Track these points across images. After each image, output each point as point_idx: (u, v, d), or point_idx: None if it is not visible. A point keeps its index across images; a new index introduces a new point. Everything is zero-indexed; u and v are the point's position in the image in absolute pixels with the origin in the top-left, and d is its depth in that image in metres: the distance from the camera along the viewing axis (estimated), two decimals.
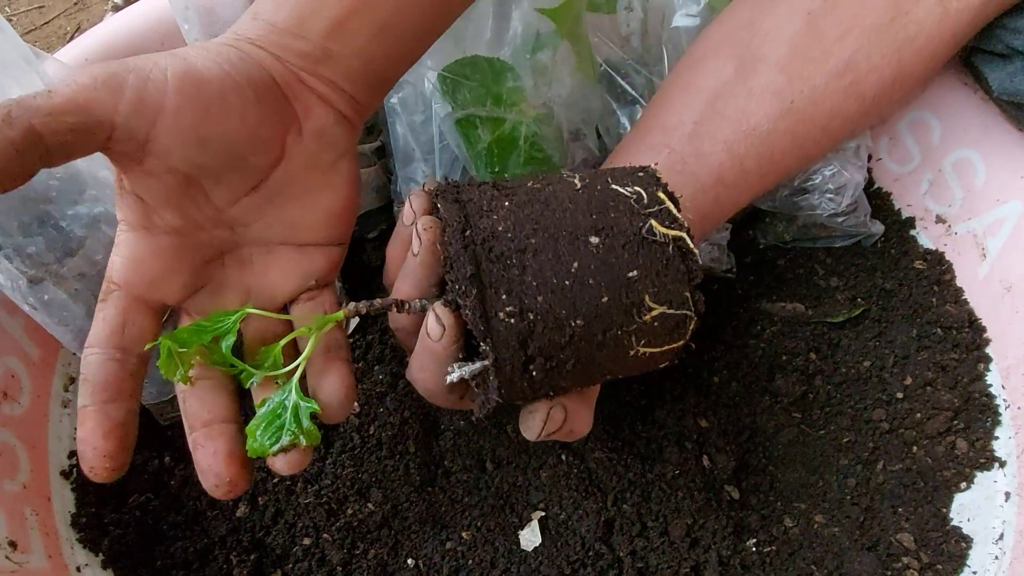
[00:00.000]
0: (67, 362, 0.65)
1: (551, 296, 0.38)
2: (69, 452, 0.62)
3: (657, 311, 0.39)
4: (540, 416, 0.42)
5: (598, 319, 0.38)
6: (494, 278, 0.38)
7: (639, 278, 0.39)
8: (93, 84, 0.35)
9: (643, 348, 0.40)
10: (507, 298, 0.37)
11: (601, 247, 0.39)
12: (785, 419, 0.65)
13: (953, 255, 0.69)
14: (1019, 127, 0.61)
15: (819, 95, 0.50)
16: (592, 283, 0.38)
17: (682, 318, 0.40)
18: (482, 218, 0.39)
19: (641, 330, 0.39)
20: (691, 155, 0.50)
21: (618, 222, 0.39)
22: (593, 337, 0.39)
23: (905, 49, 0.50)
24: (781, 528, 0.60)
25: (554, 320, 0.38)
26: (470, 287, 0.37)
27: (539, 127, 0.57)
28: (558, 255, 0.38)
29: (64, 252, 0.52)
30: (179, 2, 0.59)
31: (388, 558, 0.58)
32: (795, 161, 0.52)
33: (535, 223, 0.39)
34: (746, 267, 0.73)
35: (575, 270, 0.38)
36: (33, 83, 0.50)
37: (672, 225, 0.40)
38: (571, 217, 0.39)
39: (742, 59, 0.51)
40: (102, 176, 0.53)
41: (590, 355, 0.39)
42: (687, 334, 0.41)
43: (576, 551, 0.56)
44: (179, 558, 0.57)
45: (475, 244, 0.38)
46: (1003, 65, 0.56)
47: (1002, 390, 0.62)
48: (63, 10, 1.26)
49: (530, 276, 0.38)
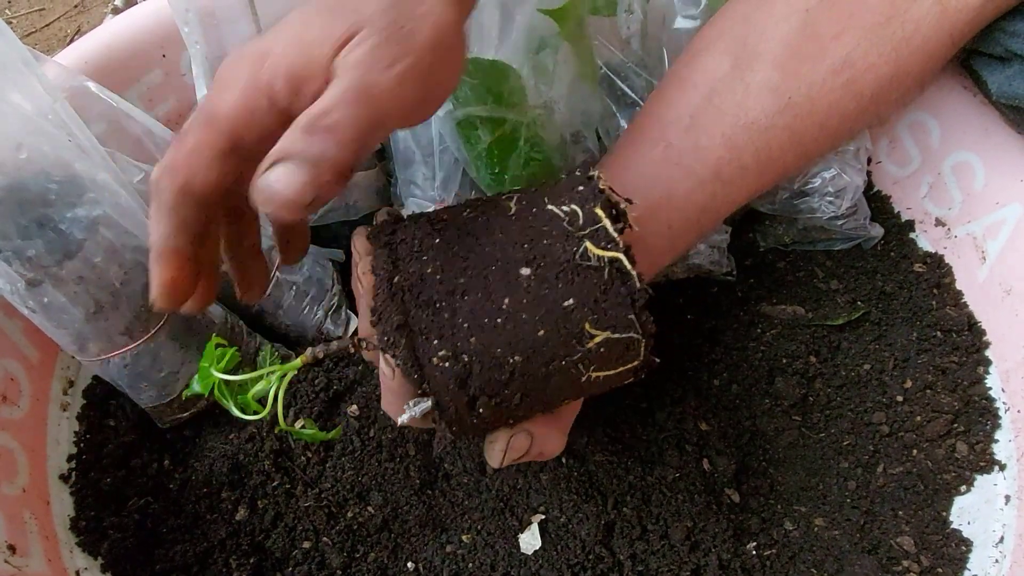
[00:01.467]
0: (66, 365, 0.65)
1: (484, 336, 0.37)
2: (68, 456, 0.62)
3: (600, 337, 0.37)
4: (499, 446, 0.42)
5: (538, 353, 0.37)
6: (424, 324, 0.37)
7: (576, 306, 0.37)
8: None
9: (594, 373, 0.39)
10: (439, 343, 0.37)
11: (533, 279, 0.37)
12: (785, 422, 0.64)
13: (953, 258, 0.69)
14: (1018, 130, 0.61)
15: (816, 92, 0.50)
16: (526, 318, 0.37)
17: (629, 340, 0.38)
18: (412, 261, 0.39)
19: (588, 358, 0.38)
20: (689, 149, 0.50)
21: (551, 249, 0.38)
22: (537, 371, 0.37)
23: (903, 48, 0.50)
24: (781, 531, 0.60)
25: (491, 360, 0.37)
26: (398, 337, 0.37)
27: (540, 128, 0.57)
28: (488, 293, 0.37)
29: (63, 255, 0.52)
30: (179, 5, 0.59)
31: (388, 561, 0.58)
32: (793, 159, 0.52)
33: (464, 261, 0.38)
34: (746, 270, 0.73)
35: (507, 306, 0.37)
36: (32, 86, 0.50)
37: (608, 246, 0.37)
38: (501, 250, 0.38)
39: (738, 55, 0.51)
40: (101, 179, 0.53)
41: (538, 387, 0.38)
42: (640, 354, 0.39)
43: (576, 554, 0.56)
44: (178, 562, 0.57)
45: (403, 291, 0.38)
46: (1002, 68, 0.56)
47: (1002, 393, 0.62)
48: (63, 12, 1.26)
49: (461, 318, 0.37)
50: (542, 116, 0.59)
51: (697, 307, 0.71)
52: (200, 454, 0.61)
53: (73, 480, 0.61)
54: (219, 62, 0.63)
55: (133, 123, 0.60)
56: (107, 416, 0.64)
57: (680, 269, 0.69)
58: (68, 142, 0.51)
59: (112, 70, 0.66)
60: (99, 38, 0.67)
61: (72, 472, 0.61)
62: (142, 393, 0.59)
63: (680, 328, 0.70)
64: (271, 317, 0.67)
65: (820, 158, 0.65)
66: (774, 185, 0.55)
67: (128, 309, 0.55)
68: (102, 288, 0.53)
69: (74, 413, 0.64)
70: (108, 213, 0.53)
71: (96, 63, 0.66)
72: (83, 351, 0.56)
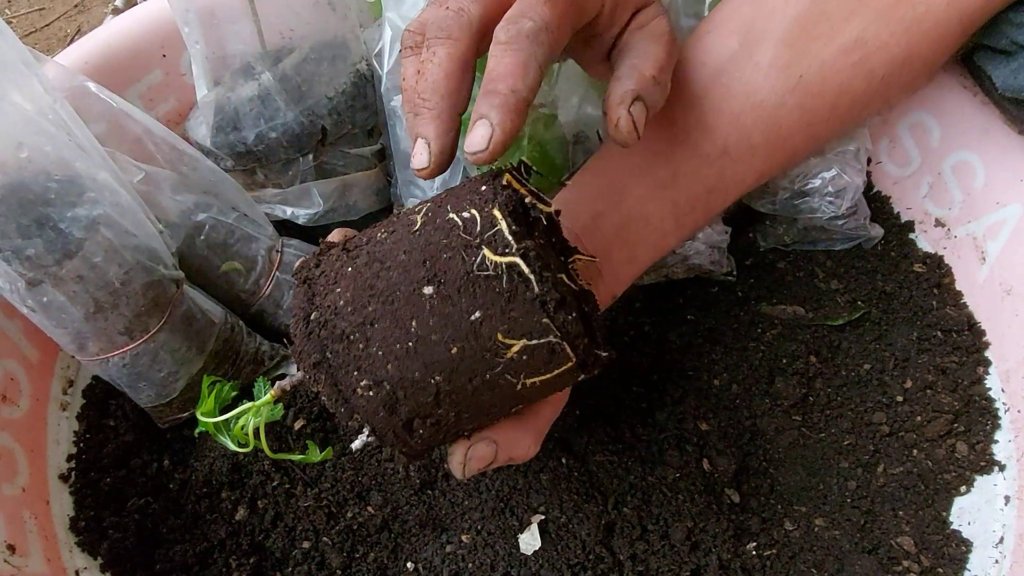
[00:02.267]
0: (66, 365, 0.65)
1: (399, 362, 0.36)
2: (68, 456, 0.62)
3: (516, 345, 0.36)
4: (457, 458, 0.42)
5: (458, 371, 0.36)
6: (341, 359, 0.37)
7: (484, 319, 0.36)
8: None
9: (528, 380, 0.37)
10: (359, 374, 0.37)
11: (435, 297, 0.36)
12: (785, 422, 0.64)
13: (953, 258, 0.69)
14: (1019, 129, 0.61)
15: (827, 71, 0.49)
16: (435, 339, 0.36)
17: (550, 345, 0.36)
18: (328, 295, 0.39)
19: (511, 367, 0.36)
20: (695, 127, 0.49)
21: (451, 263, 0.36)
22: (463, 387, 0.37)
23: (914, 29, 0.49)
24: (782, 531, 0.60)
25: (412, 383, 0.37)
26: (318, 374, 0.37)
27: (543, 128, 0.57)
28: (396, 318, 0.37)
29: (63, 254, 0.52)
30: (180, 5, 0.59)
31: (388, 561, 0.58)
32: (803, 140, 0.51)
33: (371, 288, 0.38)
34: (746, 270, 0.73)
35: (415, 329, 0.36)
36: (32, 86, 0.50)
37: (505, 251, 0.35)
38: (404, 271, 0.37)
39: (747, 34, 0.50)
40: (101, 178, 0.53)
41: (472, 401, 0.38)
42: (572, 356, 0.37)
43: (576, 554, 0.56)
44: (178, 561, 0.57)
45: (319, 327, 0.38)
46: (1006, 62, 0.56)
47: (1002, 393, 0.62)
48: (63, 12, 1.26)
49: (375, 347, 0.37)
50: (546, 116, 0.59)
51: (697, 307, 0.71)
52: (200, 454, 0.61)
53: (73, 480, 0.61)
54: (219, 62, 0.63)
55: (133, 123, 0.60)
56: (107, 416, 0.64)
57: (680, 269, 0.69)
58: (68, 141, 0.51)
59: (112, 70, 0.67)
60: (99, 38, 0.67)
61: (72, 472, 0.61)
62: (142, 393, 0.59)
63: (680, 328, 0.70)
64: (271, 317, 0.67)
65: (828, 142, 0.65)
66: (783, 170, 0.54)
67: (128, 309, 0.55)
68: (102, 288, 0.53)
69: (74, 413, 0.64)
70: (108, 213, 0.53)
71: (96, 63, 0.66)
72: (83, 351, 0.56)
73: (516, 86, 0.37)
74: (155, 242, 0.57)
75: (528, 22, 0.38)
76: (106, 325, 0.54)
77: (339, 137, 0.66)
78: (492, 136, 0.36)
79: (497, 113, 0.36)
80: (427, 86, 0.39)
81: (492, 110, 0.37)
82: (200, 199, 0.62)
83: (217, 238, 0.63)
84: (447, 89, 0.39)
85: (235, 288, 0.64)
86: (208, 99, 0.64)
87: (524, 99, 0.37)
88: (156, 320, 0.56)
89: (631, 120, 0.41)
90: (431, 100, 0.39)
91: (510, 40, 0.37)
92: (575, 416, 0.62)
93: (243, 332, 0.63)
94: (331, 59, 0.64)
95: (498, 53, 0.38)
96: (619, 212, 0.49)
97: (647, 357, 0.67)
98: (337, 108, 0.64)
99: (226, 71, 0.64)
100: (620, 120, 0.41)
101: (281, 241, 0.67)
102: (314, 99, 0.64)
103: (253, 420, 0.43)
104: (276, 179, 0.67)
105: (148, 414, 0.62)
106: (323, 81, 0.64)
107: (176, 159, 0.62)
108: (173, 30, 0.65)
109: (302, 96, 0.63)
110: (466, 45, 0.39)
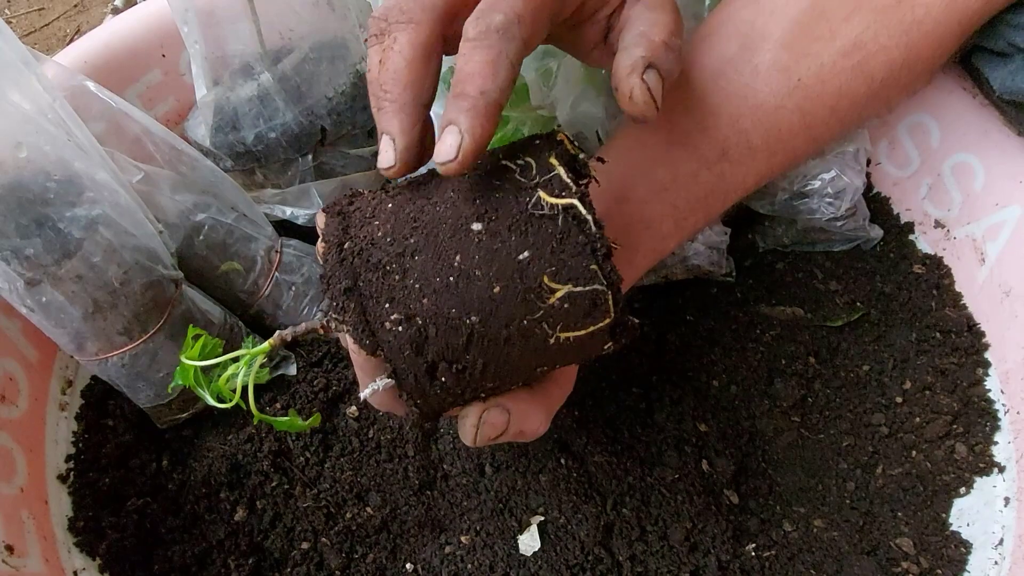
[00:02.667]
0: (64, 365, 0.65)
1: (436, 296, 0.35)
2: (66, 456, 0.62)
3: (561, 291, 0.35)
4: (471, 420, 0.40)
5: (496, 313, 0.35)
6: (374, 288, 0.36)
7: (532, 259, 0.35)
8: None
9: (562, 334, 0.36)
10: (390, 306, 0.35)
11: (484, 233, 0.35)
12: (784, 423, 0.64)
13: (952, 259, 0.69)
14: (1018, 130, 0.61)
15: (827, 73, 0.49)
16: (479, 274, 0.35)
17: (594, 294, 0.36)
18: (363, 227, 0.37)
19: (551, 315, 0.36)
20: (694, 129, 0.49)
21: (503, 202, 0.36)
22: (497, 333, 0.36)
23: (913, 31, 0.49)
24: (780, 532, 0.60)
25: (445, 321, 0.35)
26: (346, 302, 0.36)
27: (542, 129, 0.57)
28: (439, 251, 0.35)
29: (62, 254, 0.52)
30: (179, 5, 0.59)
31: (387, 562, 0.58)
32: (803, 142, 0.51)
33: (414, 222, 0.36)
34: (745, 271, 0.73)
35: (458, 263, 0.35)
36: (32, 86, 0.50)
37: (562, 193, 0.35)
38: (452, 207, 0.36)
39: (746, 36, 0.50)
40: (100, 178, 0.53)
41: (502, 351, 0.36)
42: (610, 311, 0.36)
43: (575, 555, 0.56)
44: (177, 562, 0.57)
45: (352, 255, 0.36)
46: (1004, 64, 0.56)
47: (1001, 395, 0.62)
48: (63, 12, 1.26)
49: (412, 279, 0.35)
50: (544, 117, 0.59)
51: (696, 308, 0.71)
52: (199, 454, 0.61)
53: (71, 480, 0.61)
54: (218, 62, 0.63)
55: (132, 123, 0.60)
56: (105, 416, 0.64)
57: (679, 270, 0.69)
58: (67, 141, 0.51)
59: (111, 70, 0.67)
60: (99, 38, 0.67)
61: (70, 472, 0.61)
62: (140, 393, 0.59)
63: (679, 329, 0.70)
64: (270, 318, 0.67)
65: (828, 144, 0.64)
66: (783, 172, 0.54)
67: (127, 309, 0.55)
68: (100, 287, 0.53)
69: (72, 413, 0.64)
70: (107, 212, 0.53)
71: (96, 63, 0.66)
72: (81, 351, 0.56)
73: (485, 87, 0.35)
74: (154, 242, 0.57)
75: (498, 16, 0.36)
76: (105, 325, 0.54)
77: (338, 137, 0.66)
78: (461, 144, 0.35)
79: (466, 118, 0.35)
80: (388, 76, 0.37)
81: (460, 115, 0.35)
82: (199, 199, 0.62)
83: (216, 238, 0.63)
84: (409, 79, 0.37)
85: (234, 288, 0.64)
86: (207, 99, 0.64)
87: (495, 101, 0.35)
88: (155, 320, 0.56)
89: (646, 89, 0.38)
90: (393, 91, 0.37)
91: (479, 36, 0.35)
92: (574, 417, 0.62)
93: (242, 332, 0.63)
94: (330, 59, 0.64)
95: (467, 51, 0.36)
96: (619, 214, 0.48)
97: (646, 358, 0.67)
98: (336, 108, 0.64)
99: (225, 71, 0.64)
100: (634, 90, 0.38)
101: (280, 241, 0.67)
102: (313, 99, 0.64)
103: (243, 372, 0.39)
104: (275, 179, 0.67)
105: (147, 414, 0.62)
106: (322, 81, 0.64)
107: (175, 159, 0.62)
108: (172, 30, 0.65)
109: (301, 96, 0.63)
110: (429, 30, 0.37)
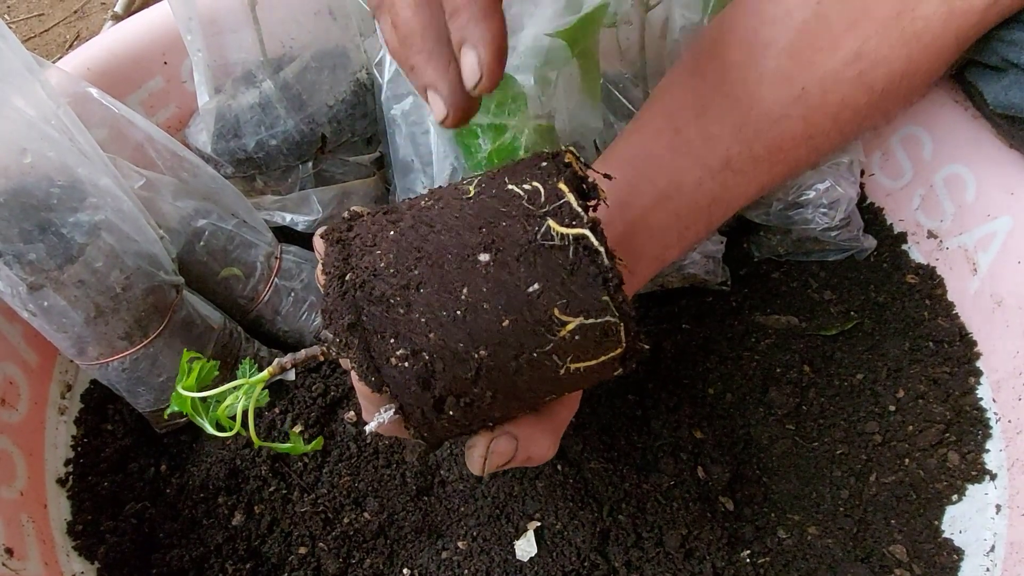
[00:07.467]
0: (65, 369, 0.65)
1: (443, 331, 0.34)
2: (66, 460, 0.62)
3: (573, 324, 0.34)
4: (479, 451, 0.40)
5: (504, 345, 0.34)
6: (378, 322, 0.34)
7: (542, 291, 0.34)
8: None
9: (572, 364, 0.35)
10: (395, 341, 0.34)
11: (492, 264, 0.34)
12: (779, 431, 0.65)
13: (944, 270, 0.70)
14: (1011, 142, 0.62)
15: (830, 83, 0.49)
16: (487, 307, 0.34)
17: (606, 325, 0.35)
18: (364, 256, 0.36)
19: (561, 347, 0.35)
20: (698, 138, 0.49)
21: (510, 231, 0.34)
22: (506, 365, 0.35)
23: (913, 43, 0.49)
24: (775, 539, 0.60)
25: (452, 356, 0.34)
26: (350, 338, 0.34)
27: (540, 137, 0.57)
28: (445, 283, 0.34)
29: (64, 259, 0.52)
30: (182, 13, 0.59)
31: (384, 567, 0.58)
32: (805, 152, 0.51)
33: (418, 251, 0.35)
34: (740, 280, 0.74)
35: (466, 296, 0.34)
36: (35, 92, 0.51)
37: (573, 223, 0.34)
38: (457, 236, 0.35)
39: (751, 44, 0.50)
40: (103, 184, 0.54)
41: (510, 383, 0.35)
42: (622, 341, 0.35)
43: (571, 561, 0.56)
44: (175, 566, 0.57)
45: (354, 288, 0.35)
46: (997, 78, 0.57)
47: (993, 403, 0.63)
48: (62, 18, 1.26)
49: (417, 313, 0.34)
50: (543, 126, 0.59)
51: (692, 316, 0.72)
52: (197, 459, 0.62)
53: (70, 484, 0.61)
54: (221, 70, 0.63)
55: (134, 129, 0.60)
56: (105, 420, 0.64)
57: (675, 278, 0.70)
58: (70, 147, 0.52)
59: (114, 76, 0.67)
60: (101, 44, 0.68)
61: (69, 476, 0.61)
62: (140, 398, 0.59)
63: (675, 337, 0.70)
64: (269, 323, 0.67)
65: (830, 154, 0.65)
66: (783, 182, 0.54)
67: (128, 314, 0.55)
68: (102, 293, 0.53)
69: (72, 417, 0.64)
70: (109, 218, 0.53)
71: (98, 69, 0.66)
72: (82, 355, 0.56)
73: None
74: (155, 247, 0.57)
75: None
76: (106, 330, 0.55)
77: (338, 145, 0.67)
78: (480, 58, 0.33)
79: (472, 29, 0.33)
80: (404, 32, 0.36)
81: (464, 30, 0.33)
82: (200, 205, 0.63)
83: (217, 244, 0.63)
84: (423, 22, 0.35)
85: (234, 294, 0.65)
86: (209, 106, 0.64)
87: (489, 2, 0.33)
88: (156, 325, 0.57)
89: None
90: (416, 42, 0.36)
91: None
92: (570, 424, 0.62)
93: (241, 338, 0.64)
94: (332, 68, 0.65)
95: None
96: (622, 222, 0.48)
97: (642, 365, 0.67)
98: (337, 116, 0.65)
99: (227, 79, 0.64)
100: None
101: (280, 247, 0.67)
102: (314, 107, 0.64)
103: (243, 400, 0.39)
104: (276, 186, 0.68)
105: (146, 419, 0.62)
106: (323, 89, 0.64)
107: (177, 165, 0.62)
108: (175, 37, 0.65)
109: (302, 104, 0.64)
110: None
